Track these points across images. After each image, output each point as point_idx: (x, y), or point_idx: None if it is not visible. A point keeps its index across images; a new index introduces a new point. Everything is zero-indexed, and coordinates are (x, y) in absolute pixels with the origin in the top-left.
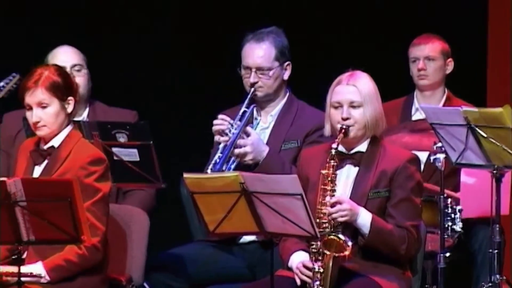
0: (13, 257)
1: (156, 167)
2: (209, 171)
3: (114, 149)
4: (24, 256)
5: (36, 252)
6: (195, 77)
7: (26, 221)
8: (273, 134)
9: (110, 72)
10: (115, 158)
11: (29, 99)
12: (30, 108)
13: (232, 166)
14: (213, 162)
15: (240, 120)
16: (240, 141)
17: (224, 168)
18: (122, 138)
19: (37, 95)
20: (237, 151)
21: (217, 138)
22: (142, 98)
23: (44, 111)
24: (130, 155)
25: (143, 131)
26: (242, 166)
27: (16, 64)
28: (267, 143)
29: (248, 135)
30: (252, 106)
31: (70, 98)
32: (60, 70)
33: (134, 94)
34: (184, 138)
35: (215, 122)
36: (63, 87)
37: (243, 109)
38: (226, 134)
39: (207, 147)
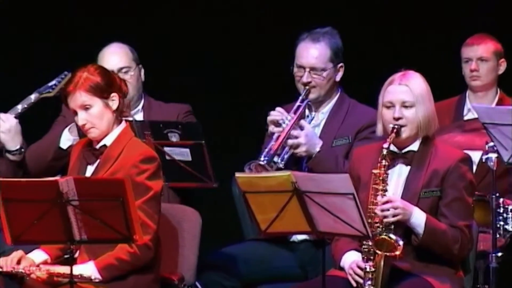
0: (65, 256)
1: (208, 167)
2: (262, 158)
3: (166, 149)
4: (76, 255)
5: (88, 251)
6: (246, 76)
7: (78, 220)
8: (325, 131)
9: (163, 69)
10: (167, 157)
11: (72, 103)
12: (76, 113)
13: (286, 157)
14: (266, 150)
15: (295, 113)
16: (293, 132)
17: (276, 159)
18: (174, 138)
19: (77, 98)
20: (290, 141)
21: (271, 128)
22: (194, 97)
23: (88, 113)
24: (182, 154)
25: (195, 131)
26: (294, 159)
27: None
28: None
29: (302, 128)
30: (305, 102)
31: (113, 94)
32: (100, 68)
33: (186, 92)
34: (236, 136)
35: (270, 112)
36: (103, 85)
37: (297, 104)
38: (280, 125)
39: (259, 145)
